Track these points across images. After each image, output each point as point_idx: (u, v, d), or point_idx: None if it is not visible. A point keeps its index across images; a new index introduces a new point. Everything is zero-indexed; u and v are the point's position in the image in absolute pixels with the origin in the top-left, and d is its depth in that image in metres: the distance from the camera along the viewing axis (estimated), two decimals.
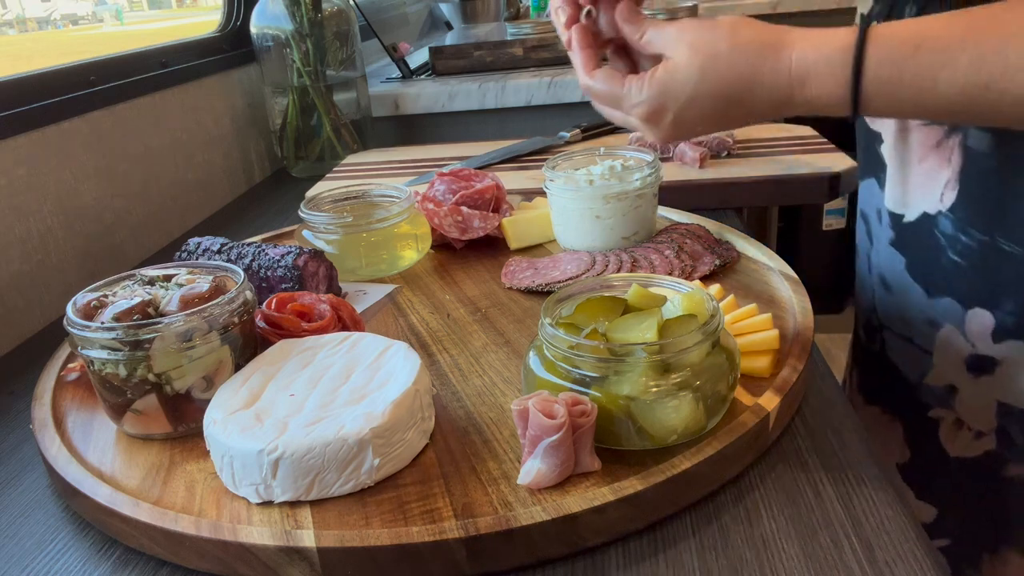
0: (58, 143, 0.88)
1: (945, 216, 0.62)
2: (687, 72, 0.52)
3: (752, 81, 0.50)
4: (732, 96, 0.51)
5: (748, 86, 0.51)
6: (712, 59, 0.51)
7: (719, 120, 0.53)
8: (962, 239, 0.61)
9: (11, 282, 0.79)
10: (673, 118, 0.54)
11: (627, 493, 0.43)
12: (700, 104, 0.52)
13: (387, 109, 1.41)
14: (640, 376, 0.46)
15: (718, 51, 0.51)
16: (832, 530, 0.43)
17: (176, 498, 0.47)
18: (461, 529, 0.42)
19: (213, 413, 0.49)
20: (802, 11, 2.32)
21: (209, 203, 1.19)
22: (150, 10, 3.82)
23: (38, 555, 0.47)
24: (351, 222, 0.78)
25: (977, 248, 0.60)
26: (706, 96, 0.52)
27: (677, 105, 0.53)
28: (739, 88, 0.51)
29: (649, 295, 0.53)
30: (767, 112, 0.52)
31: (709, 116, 0.53)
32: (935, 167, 0.62)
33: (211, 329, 0.52)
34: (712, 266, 0.72)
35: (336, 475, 0.45)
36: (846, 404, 0.55)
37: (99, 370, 0.52)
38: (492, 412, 0.54)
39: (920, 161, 0.63)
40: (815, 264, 2.58)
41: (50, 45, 2.33)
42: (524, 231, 0.84)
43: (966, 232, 0.61)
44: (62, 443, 0.53)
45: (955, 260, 0.62)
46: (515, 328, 0.66)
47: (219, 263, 0.59)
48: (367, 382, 0.50)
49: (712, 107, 0.52)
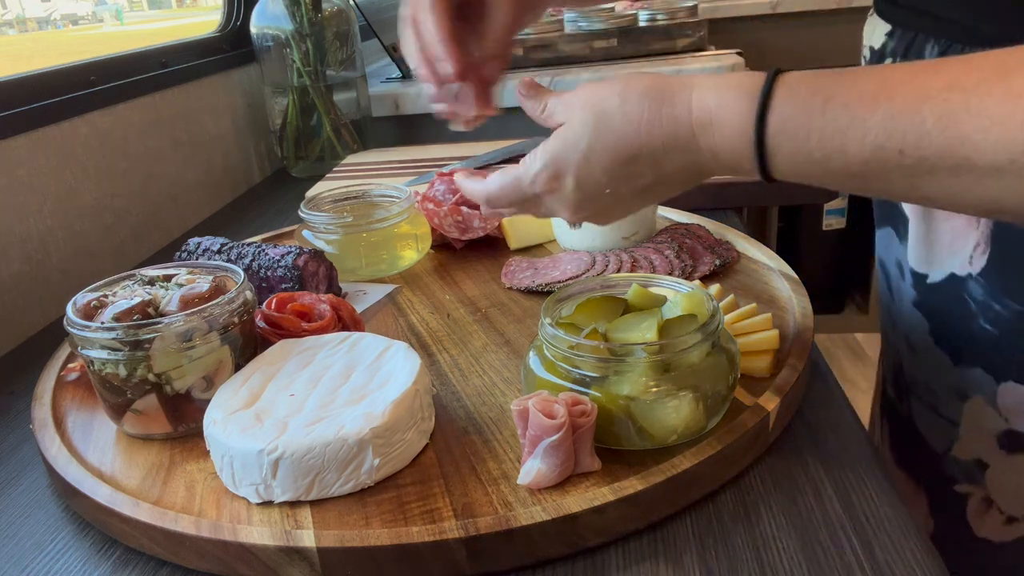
0: (58, 143, 0.88)
1: (975, 280, 0.57)
2: (580, 128, 0.47)
3: (650, 128, 0.45)
4: (631, 148, 0.46)
5: (647, 135, 0.45)
6: (603, 113, 0.46)
7: (627, 179, 0.47)
8: (995, 307, 0.56)
9: (11, 282, 0.79)
10: (575, 181, 0.48)
11: (627, 493, 0.43)
12: (599, 160, 0.47)
13: (387, 109, 1.41)
14: (640, 376, 0.46)
15: (610, 105, 0.46)
16: (832, 530, 0.43)
17: (176, 498, 0.47)
18: (461, 529, 0.42)
19: (213, 413, 0.49)
20: (802, 11, 2.33)
21: (209, 203, 1.19)
22: (150, 10, 3.81)
23: (38, 555, 0.47)
24: (351, 222, 0.78)
25: (1012, 318, 0.55)
26: (603, 151, 0.46)
27: (574, 164, 0.47)
28: (635, 139, 0.45)
29: (649, 295, 0.53)
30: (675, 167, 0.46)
31: (613, 174, 0.47)
32: (962, 227, 0.57)
33: (211, 329, 0.52)
34: (712, 266, 0.72)
35: (336, 475, 0.45)
36: (846, 404, 0.55)
37: (99, 370, 0.52)
38: (492, 412, 0.54)
39: (946, 219, 0.58)
40: (815, 264, 2.59)
41: (50, 45, 2.33)
42: (524, 231, 0.84)
43: (1000, 300, 0.55)
44: (62, 443, 0.53)
45: (987, 329, 0.57)
46: (515, 328, 0.66)
47: (219, 263, 0.59)
48: (367, 382, 0.50)
49: (612, 162, 0.46)
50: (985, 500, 0.61)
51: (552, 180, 0.49)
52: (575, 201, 0.49)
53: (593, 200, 0.49)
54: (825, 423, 0.52)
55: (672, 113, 0.45)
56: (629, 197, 0.49)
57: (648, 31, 1.49)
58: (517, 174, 0.50)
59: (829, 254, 2.59)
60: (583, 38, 1.48)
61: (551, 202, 0.50)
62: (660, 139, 0.45)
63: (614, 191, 0.48)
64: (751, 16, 2.30)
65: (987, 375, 0.58)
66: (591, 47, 1.49)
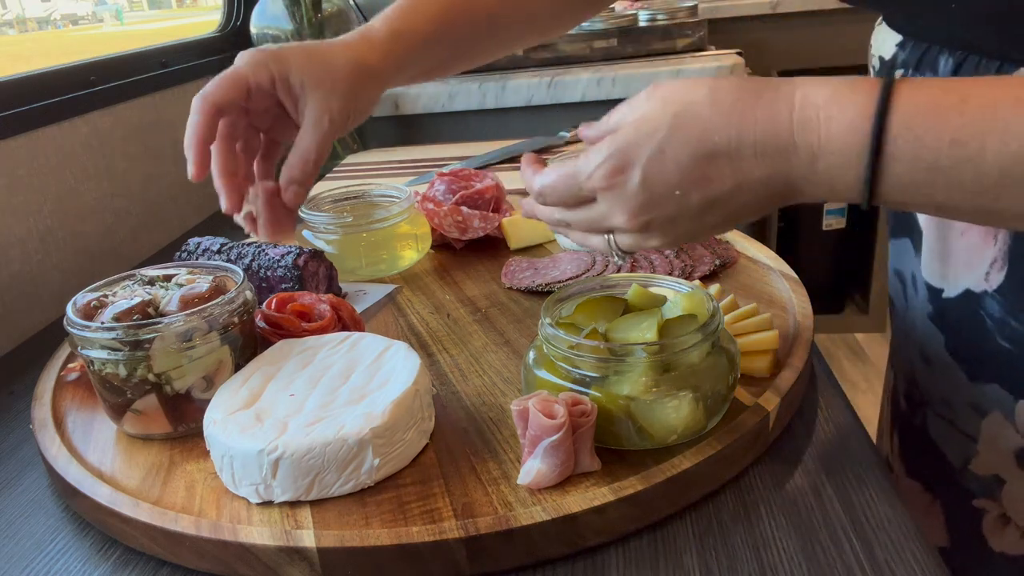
0: (58, 143, 0.88)
1: (992, 297, 0.54)
2: (659, 117, 0.41)
3: (742, 120, 0.40)
4: (715, 144, 0.40)
5: (737, 129, 0.40)
6: (690, 103, 0.41)
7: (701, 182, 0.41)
8: (1012, 324, 0.53)
9: (11, 282, 0.79)
10: (642, 175, 0.42)
11: (627, 493, 0.43)
12: (675, 154, 0.41)
13: (387, 109, 1.41)
14: (640, 376, 0.46)
15: (697, 95, 0.41)
16: (832, 530, 0.43)
17: (176, 498, 0.47)
18: (461, 529, 0.42)
19: (213, 413, 0.49)
20: (802, 11, 2.32)
21: (209, 203, 1.19)
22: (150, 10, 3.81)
23: (38, 555, 0.47)
24: (351, 222, 0.78)
25: None
26: (682, 143, 0.41)
27: (645, 156, 0.42)
28: (724, 131, 0.40)
29: (649, 295, 0.53)
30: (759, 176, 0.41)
31: (688, 173, 0.41)
32: (978, 242, 0.54)
33: (211, 329, 0.52)
34: (712, 266, 0.72)
35: (336, 475, 0.45)
36: (846, 404, 0.55)
37: (99, 370, 0.52)
38: (492, 412, 0.54)
39: (962, 234, 0.56)
40: (815, 264, 2.58)
41: (50, 45, 2.33)
42: (524, 231, 0.84)
43: (1017, 317, 0.53)
44: (62, 443, 0.53)
45: (1004, 346, 0.55)
46: (515, 328, 0.66)
47: (219, 263, 0.59)
48: (367, 382, 0.50)
49: (690, 157, 0.41)
50: (1002, 516, 0.60)
51: (615, 173, 0.43)
52: (637, 203, 0.43)
53: (658, 205, 0.43)
54: (825, 423, 0.52)
55: (772, 107, 0.40)
56: (697, 210, 0.42)
57: (648, 31, 1.49)
58: (576, 166, 0.45)
59: (829, 254, 2.58)
60: (583, 38, 1.48)
61: (608, 202, 0.44)
62: (752, 135, 0.40)
63: (684, 195, 0.42)
64: (751, 16, 2.30)
65: (1005, 391, 0.56)
66: (591, 47, 1.49)
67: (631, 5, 1.74)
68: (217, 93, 0.58)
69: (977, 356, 0.58)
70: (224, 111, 0.59)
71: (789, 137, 0.39)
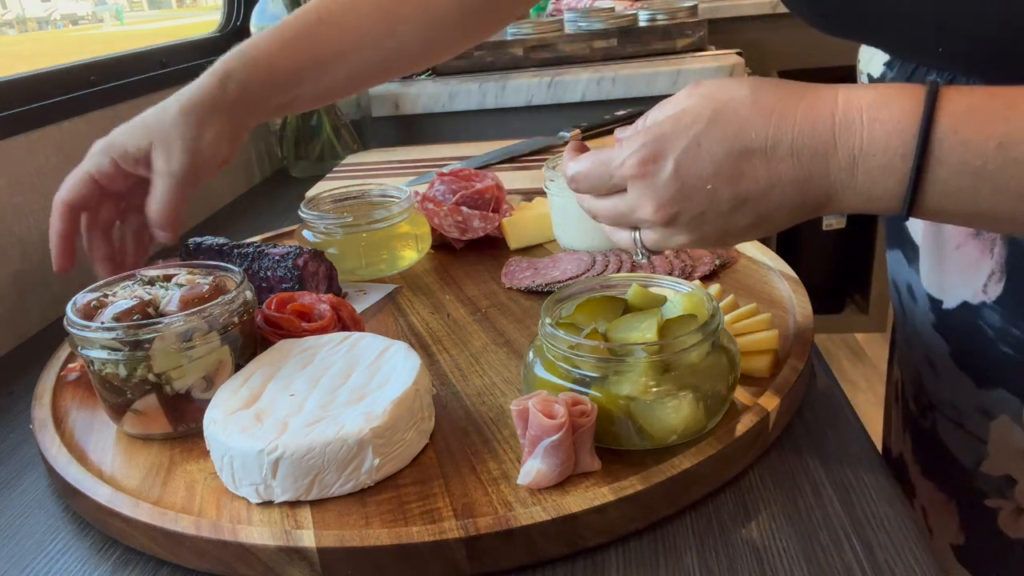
0: (58, 143, 0.88)
1: (991, 308, 0.55)
2: (699, 111, 0.42)
3: (782, 120, 0.40)
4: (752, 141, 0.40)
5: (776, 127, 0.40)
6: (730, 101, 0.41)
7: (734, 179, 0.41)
8: (1014, 331, 0.54)
9: (11, 282, 0.79)
10: (674, 166, 0.42)
11: (627, 493, 0.43)
12: (710, 148, 0.41)
13: (387, 109, 1.41)
14: (640, 376, 0.46)
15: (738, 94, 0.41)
16: (832, 530, 0.43)
17: (176, 498, 0.47)
18: (461, 529, 0.42)
19: (213, 413, 0.49)
20: None
21: (209, 203, 1.19)
22: (150, 10, 3.82)
23: (38, 555, 0.47)
24: (351, 222, 0.78)
25: None
26: (719, 139, 0.41)
27: (680, 147, 0.42)
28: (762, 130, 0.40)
29: (649, 295, 0.53)
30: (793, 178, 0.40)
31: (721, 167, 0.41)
32: (975, 255, 0.54)
33: (211, 329, 0.52)
34: (712, 266, 0.72)
35: (336, 475, 0.45)
36: (846, 404, 0.55)
37: (99, 370, 0.52)
38: (492, 412, 0.54)
39: (957, 247, 0.56)
40: (815, 264, 2.58)
41: (50, 45, 2.33)
42: (524, 231, 0.84)
43: (1018, 325, 0.53)
44: (62, 443, 0.53)
45: (1007, 352, 0.55)
46: (515, 328, 0.66)
47: (219, 263, 0.59)
48: (367, 382, 0.50)
49: (725, 152, 0.41)
50: (1017, 510, 0.60)
51: (647, 162, 0.42)
52: (667, 194, 0.42)
53: (687, 197, 0.42)
54: (825, 423, 0.52)
55: (813, 108, 0.40)
56: (727, 207, 0.42)
57: (648, 31, 1.49)
58: (610, 154, 0.45)
59: (829, 254, 2.58)
60: (583, 38, 1.48)
61: (638, 191, 0.44)
62: (790, 134, 0.40)
63: (715, 190, 0.42)
64: (751, 16, 2.30)
65: (1011, 395, 0.56)
66: (591, 47, 1.49)
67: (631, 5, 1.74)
68: (67, 195, 0.65)
69: (982, 363, 0.58)
70: (81, 207, 0.66)
71: (830, 138, 0.39)
